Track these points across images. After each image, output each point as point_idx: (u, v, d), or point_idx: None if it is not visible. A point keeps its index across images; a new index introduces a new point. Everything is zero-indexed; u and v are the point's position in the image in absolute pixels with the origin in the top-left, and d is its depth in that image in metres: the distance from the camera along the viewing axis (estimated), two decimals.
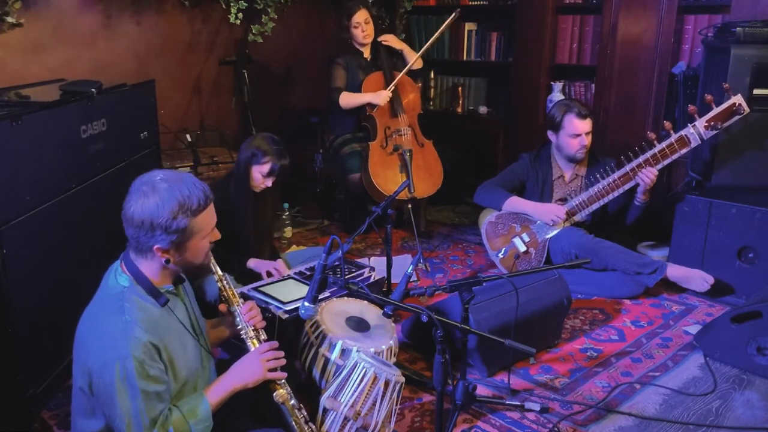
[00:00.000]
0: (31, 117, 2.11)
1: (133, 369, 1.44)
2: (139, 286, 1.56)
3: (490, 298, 2.43)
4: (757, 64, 2.88)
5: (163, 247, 1.53)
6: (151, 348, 1.49)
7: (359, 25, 3.76)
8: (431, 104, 5.02)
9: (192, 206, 1.52)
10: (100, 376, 1.46)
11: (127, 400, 1.45)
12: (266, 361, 1.71)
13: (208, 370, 1.76)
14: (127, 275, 1.57)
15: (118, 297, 1.53)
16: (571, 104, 3.16)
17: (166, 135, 3.67)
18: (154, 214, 1.49)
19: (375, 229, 2.93)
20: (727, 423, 2.15)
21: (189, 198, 1.52)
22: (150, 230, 1.50)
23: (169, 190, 1.51)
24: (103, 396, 1.48)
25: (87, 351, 1.51)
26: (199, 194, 1.54)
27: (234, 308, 1.82)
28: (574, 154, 3.20)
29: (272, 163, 2.67)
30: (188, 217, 1.51)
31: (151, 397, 1.48)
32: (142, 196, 1.50)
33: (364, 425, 1.89)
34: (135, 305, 1.53)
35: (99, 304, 1.57)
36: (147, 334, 1.49)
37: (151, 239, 1.51)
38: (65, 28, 3.43)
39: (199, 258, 1.62)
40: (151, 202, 1.49)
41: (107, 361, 1.45)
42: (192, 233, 1.55)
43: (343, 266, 1.91)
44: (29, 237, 2.11)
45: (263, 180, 2.71)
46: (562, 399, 2.30)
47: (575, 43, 4.08)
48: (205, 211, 1.57)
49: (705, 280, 3.02)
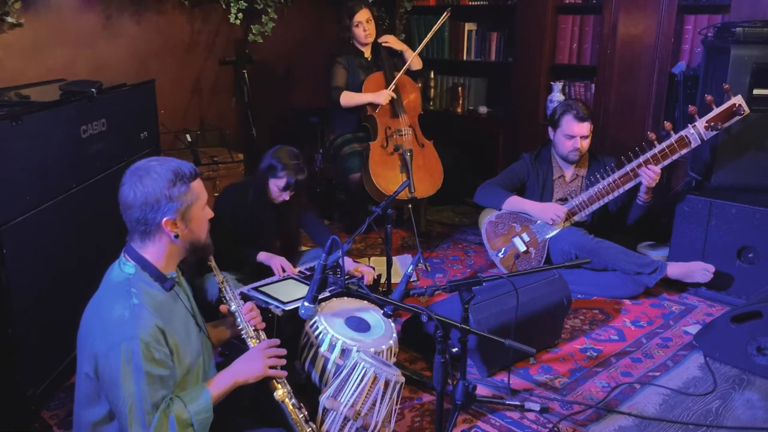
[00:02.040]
0: (31, 117, 2.11)
1: (139, 351, 1.46)
2: (145, 272, 1.59)
3: (490, 298, 2.43)
4: (757, 64, 2.88)
5: (171, 218, 1.57)
6: (158, 331, 1.51)
7: (361, 24, 3.76)
8: (431, 104, 5.02)
9: (185, 174, 1.60)
10: (106, 360, 1.48)
11: (131, 383, 1.46)
12: (267, 357, 1.73)
13: (209, 360, 1.77)
14: (132, 263, 1.60)
15: (124, 283, 1.56)
16: (573, 105, 3.16)
17: (166, 135, 3.67)
18: (155, 187, 1.56)
19: (375, 229, 2.93)
20: (727, 423, 2.15)
21: (180, 167, 1.60)
22: (155, 203, 1.55)
23: (161, 165, 1.59)
24: (107, 379, 1.49)
25: (93, 337, 1.53)
26: (188, 165, 1.63)
27: (234, 309, 1.83)
28: (567, 155, 3.21)
29: (288, 178, 2.69)
30: (186, 183, 1.59)
31: (155, 381, 1.49)
32: (137, 179, 1.56)
33: (364, 425, 1.90)
34: (142, 290, 1.56)
35: (105, 292, 1.60)
36: (154, 317, 1.51)
37: (158, 213, 1.56)
38: (65, 28, 3.43)
39: (203, 229, 1.68)
40: (150, 180, 1.56)
41: (113, 344, 1.47)
42: (193, 199, 1.61)
43: (343, 266, 1.91)
44: (29, 237, 2.11)
45: (280, 193, 2.74)
46: (562, 399, 2.30)
47: (575, 43, 4.08)
48: (198, 180, 1.65)
49: (706, 270, 3.02)
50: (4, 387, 2.07)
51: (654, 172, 2.97)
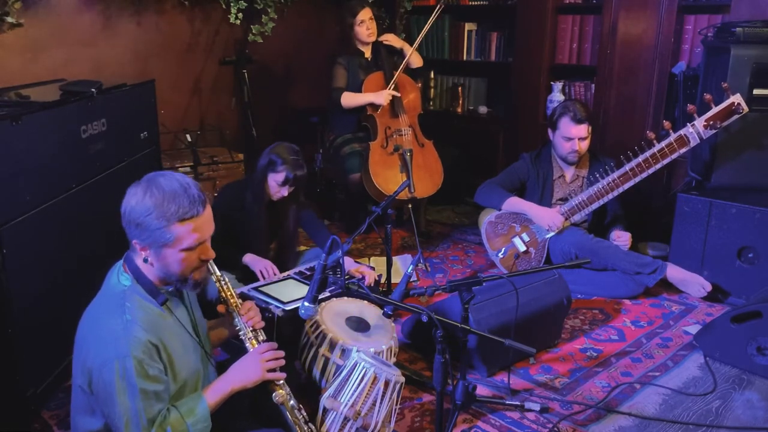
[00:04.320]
0: (31, 117, 2.11)
1: (132, 368, 1.45)
2: (140, 285, 1.57)
3: (490, 298, 2.43)
4: (757, 64, 2.88)
5: (140, 243, 1.54)
6: (151, 347, 1.49)
7: (364, 22, 3.76)
8: (431, 104, 5.02)
9: (167, 211, 1.48)
10: (100, 375, 1.47)
11: (126, 399, 1.46)
12: (265, 361, 1.70)
13: (208, 373, 1.76)
14: (129, 275, 1.58)
15: (119, 296, 1.54)
16: (570, 107, 3.16)
17: (166, 135, 3.67)
18: (133, 208, 1.51)
19: (375, 229, 2.93)
20: (727, 423, 2.15)
21: (167, 202, 1.49)
22: (128, 224, 1.53)
23: (151, 189, 1.50)
24: (102, 395, 1.48)
25: (87, 350, 1.52)
26: (182, 202, 1.49)
27: (232, 309, 1.81)
28: (566, 156, 3.23)
29: (287, 173, 2.68)
30: (161, 221, 1.48)
31: (150, 397, 1.48)
32: (134, 191, 1.53)
33: (364, 425, 1.89)
34: (136, 304, 1.53)
35: (100, 303, 1.58)
36: (147, 333, 1.49)
37: (130, 233, 1.54)
38: (65, 28, 3.43)
39: (175, 269, 1.56)
40: (135, 198, 1.51)
41: (107, 360, 1.46)
42: (165, 239, 1.50)
43: (344, 267, 1.91)
44: (29, 237, 2.11)
45: (278, 189, 2.73)
46: (562, 399, 2.30)
47: (575, 43, 4.08)
48: (185, 224, 1.51)
49: (702, 287, 3.03)
50: (4, 387, 2.07)
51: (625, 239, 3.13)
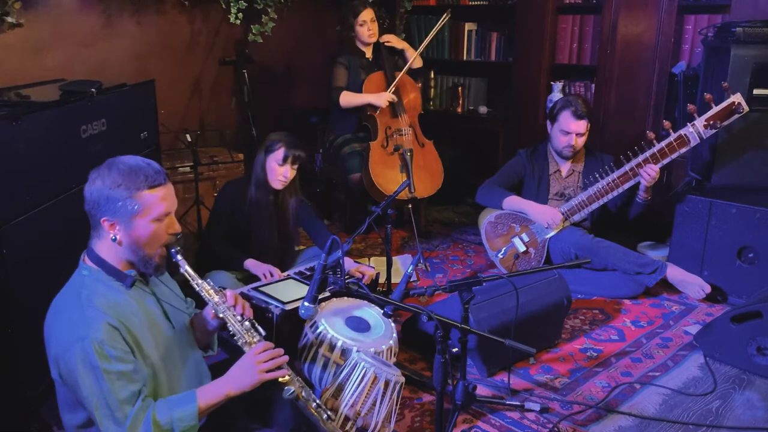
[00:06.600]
0: (31, 117, 2.11)
1: (92, 350, 1.45)
2: (103, 272, 1.58)
3: (490, 298, 2.43)
4: (757, 64, 2.88)
5: (109, 219, 1.54)
6: (110, 329, 1.49)
7: (366, 23, 3.76)
8: (431, 104, 5.02)
9: (135, 180, 1.53)
10: (65, 362, 1.48)
11: (91, 382, 1.46)
12: (261, 363, 1.64)
13: (191, 359, 1.73)
14: (89, 265, 1.59)
15: (77, 286, 1.56)
16: (573, 101, 3.16)
17: (166, 135, 3.67)
18: (100, 186, 1.53)
19: (375, 229, 2.93)
20: (727, 423, 2.15)
21: (133, 173, 1.54)
22: (96, 203, 1.54)
23: (116, 165, 1.55)
24: (69, 381, 1.49)
25: (50, 341, 1.53)
26: (147, 172, 1.55)
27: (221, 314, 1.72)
28: (561, 150, 3.23)
29: (285, 149, 2.69)
30: (131, 190, 1.53)
31: (116, 377, 1.47)
32: (97, 174, 1.55)
33: (364, 425, 1.89)
34: (93, 291, 1.54)
35: (61, 296, 1.60)
36: (105, 315, 1.50)
37: (98, 211, 1.54)
38: (65, 28, 3.42)
39: (145, 242, 1.57)
40: (100, 178, 1.54)
41: (67, 346, 1.47)
42: (135, 209, 1.54)
43: (344, 266, 1.90)
44: (29, 237, 2.11)
45: (280, 170, 2.71)
46: (562, 399, 2.30)
47: (575, 43, 4.08)
48: (153, 191, 1.55)
49: (702, 289, 3.03)
50: (4, 387, 2.07)
51: (652, 171, 2.97)
